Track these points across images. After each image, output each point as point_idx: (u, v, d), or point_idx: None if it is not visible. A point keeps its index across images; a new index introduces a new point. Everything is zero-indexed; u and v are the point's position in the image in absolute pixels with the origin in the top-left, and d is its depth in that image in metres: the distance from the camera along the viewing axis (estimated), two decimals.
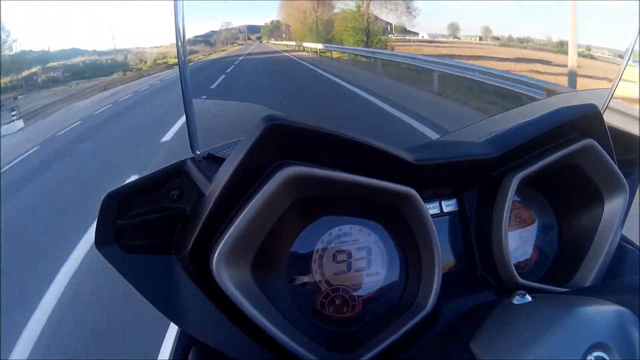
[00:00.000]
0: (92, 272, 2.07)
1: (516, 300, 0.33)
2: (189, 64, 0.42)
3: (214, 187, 0.36)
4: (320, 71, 1.41)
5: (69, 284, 2.02)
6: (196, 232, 0.35)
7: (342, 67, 1.43)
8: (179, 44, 0.40)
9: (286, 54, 1.31)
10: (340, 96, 1.35)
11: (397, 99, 1.32)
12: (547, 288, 0.44)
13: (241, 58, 1.14)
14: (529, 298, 0.33)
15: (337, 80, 1.43)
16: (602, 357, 0.25)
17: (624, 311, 0.28)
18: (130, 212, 0.37)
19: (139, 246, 0.37)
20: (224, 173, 0.35)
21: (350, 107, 1.26)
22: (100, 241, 0.36)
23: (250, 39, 1.02)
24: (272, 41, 1.11)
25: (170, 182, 0.38)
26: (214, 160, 0.41)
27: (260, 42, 1.04)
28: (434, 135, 0.72)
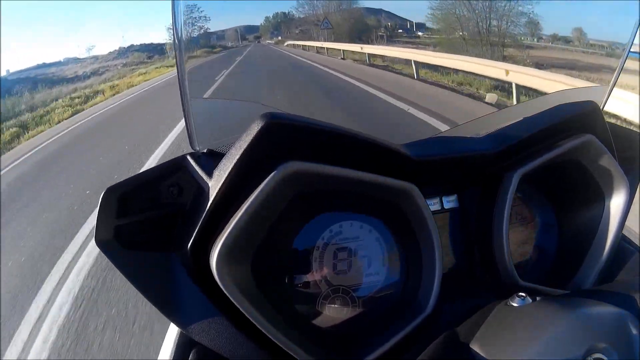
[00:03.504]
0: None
1: (516, 302, 0.33)
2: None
3: (214, 182, 0.35)
4: None
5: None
6: (196, 229, 0.35)
7: None
8: (176, 43, 0.39)
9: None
10: None
11: None
12: (547, 290, 0.44)
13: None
14: (529, 300, 0.33)
15: None
16: (602, 359, 0.25)
17: (623, 313, 0.28)
18: (129, 208, 0.37)
19: (139, 242, 0.37)
20: (224, 168, 0.34)
21: None
22: (99, 237, 0.36)
23: (247, 40, 0.77)
24: (291, 42, 0.80)
25: (169, 177, 0.38)
26: (213, 156, 0.40)
27: (259, 42, 0.79)
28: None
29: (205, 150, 0.41)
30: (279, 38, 0.82)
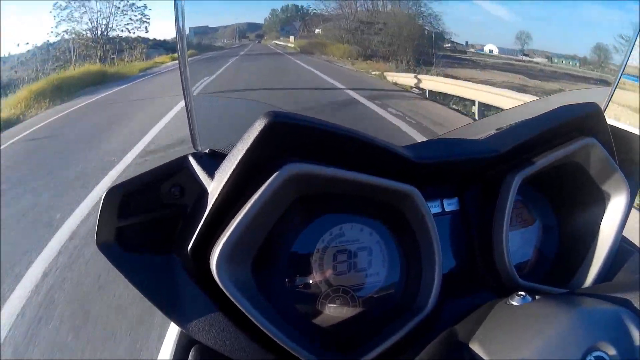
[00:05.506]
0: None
1: (516, 301, 0.33)
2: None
3: (216, 183, 0.35)
4: None
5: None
6: (197, 230, 0.35)
7: None
8: (179, 42, 0.39)
9: None
10: None
11: None
12: (547, 289, 0.44)
13: None
14: (529, 299, 0.33)
15: None
16: (602, 358, 0.26)
17: (623, 311, 0.28)
18: (131, 210, 0.37)
19: (140, 244, 0.37)
20: (226, 169, 0.34)
21: None
22: (101, 239, 0.36)
23: (247, 38, 0.61)
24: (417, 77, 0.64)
25: (171, 178, 0.38)
26: (215, 156, 0.40)
27: (260, 42, 0.61)
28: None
29: (207, 151, 0.41)
30: (290, 39, 0.63)
